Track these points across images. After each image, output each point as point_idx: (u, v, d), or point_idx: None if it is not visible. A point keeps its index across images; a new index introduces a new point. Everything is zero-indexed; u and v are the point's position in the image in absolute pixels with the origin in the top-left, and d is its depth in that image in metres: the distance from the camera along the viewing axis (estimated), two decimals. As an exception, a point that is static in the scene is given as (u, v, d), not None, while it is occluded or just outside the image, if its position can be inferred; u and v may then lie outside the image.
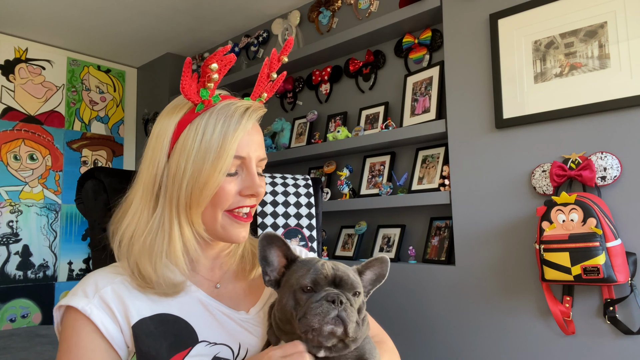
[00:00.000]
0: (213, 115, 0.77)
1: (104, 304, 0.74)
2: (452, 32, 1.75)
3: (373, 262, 0.78)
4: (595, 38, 1.42)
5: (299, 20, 2.56)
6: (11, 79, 2.95)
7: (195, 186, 0.75)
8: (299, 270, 0.73)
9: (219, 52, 0.75)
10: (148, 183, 0.79)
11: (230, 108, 0.78)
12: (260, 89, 0.86)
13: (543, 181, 1.48)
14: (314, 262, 0.73)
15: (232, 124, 0.76)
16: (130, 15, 2.71)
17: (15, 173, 2.91)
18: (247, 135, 0.78)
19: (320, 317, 0.65)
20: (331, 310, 0.66)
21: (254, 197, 0.80)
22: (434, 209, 1.94)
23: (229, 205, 0.77)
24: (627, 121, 1.36)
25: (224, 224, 0.78)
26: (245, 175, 0.79)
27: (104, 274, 0.79)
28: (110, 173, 1.15)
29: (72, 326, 0.74)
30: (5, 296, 2.78)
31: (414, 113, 1.97)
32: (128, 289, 0.76)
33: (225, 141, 0.75)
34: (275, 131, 2.56)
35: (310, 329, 0.66)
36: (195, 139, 0.76)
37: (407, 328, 1.79)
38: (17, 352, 1.89)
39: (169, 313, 0.76)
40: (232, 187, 0.77)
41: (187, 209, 0.77)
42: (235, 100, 0.81)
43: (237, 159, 0.77)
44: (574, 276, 1.27)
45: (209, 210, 0.77)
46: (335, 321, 0.66)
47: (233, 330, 0.79)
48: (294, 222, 1.36)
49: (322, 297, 0.67)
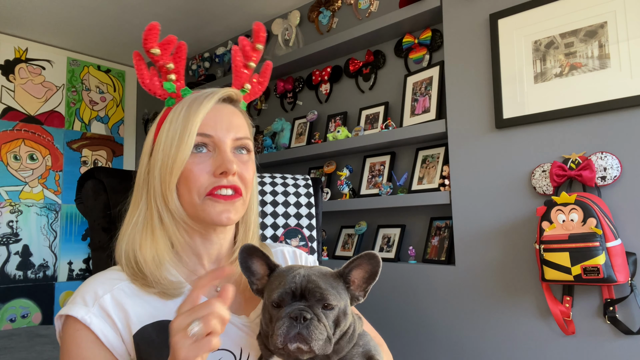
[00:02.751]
0: (179, 105, 0.79)
1: (104, 313, 0.73)
2: (452, 32, 1.75)
3: (359, 260, 0.71)
4: (595, 38, 1.42)
5: (299, 20, 2.56)
6: (11, 79, 2.95)
7: (165, 170, 0.77)
8: (272, 283, 0.71)
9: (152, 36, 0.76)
10: (138, 185, 0.82)
11: (195, 95, 0.80)
12: (239, 79, 0.86)
13: (543, 181, 1.48)
14: (289, 272, 0.70)
15: (194, 106, 0.78)
16: (130, 15, 2.71)
17: (15, 173, 2.91)
18: (215, 116, 0.79)
19: (282, 337, 0.63)
20: (292, 328, 0.63)
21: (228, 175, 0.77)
22: (434, 209, 1.94)
23: (204, 187, 0.76)
24: (627, 121, 1.36)
25: (204, 206, 0.77)
26: (217, 155, 0.78)
27: (103, 280, 0.78)
28: (110, 173, 1.15)
29: (72, 336, 0.73)
30: (5, 296, 2.78)
31: (414, 113, 1.97)
32: (128, 296, 0.75)
33: (186, 122, 0.76)
34: (275, 131, 2.55)
35: (276, 348, 0.64)
36: (164, 130, 0.78)
37: (407, 328, 1.79)
38: (17, 352, 1.89)
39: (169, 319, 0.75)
40: (202, 167, 0.77)
41: (163, 196, 0.78)
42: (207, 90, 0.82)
43: (203, 136, 0.77)
44: (574, 276, 1.27)
45: (186, 195, 0.77)
46: (298, 338, 0.63)
47: (234, 335, 0.78)
48: (294, 222, 1.36)
49: (285, 315, 0.64)
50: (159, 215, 0.79)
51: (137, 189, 0.82)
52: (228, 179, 0.77)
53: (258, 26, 0.86)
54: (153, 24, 0.76)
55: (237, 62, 0.85)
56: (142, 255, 0.77)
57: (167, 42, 0.77)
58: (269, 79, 0.92)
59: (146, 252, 0.77)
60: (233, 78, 0.86)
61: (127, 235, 0.79)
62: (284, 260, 0.95)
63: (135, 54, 0.79)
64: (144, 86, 0.77)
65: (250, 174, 0.82)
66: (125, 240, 0.79)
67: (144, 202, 0.80)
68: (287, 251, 0.97)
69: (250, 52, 0.85)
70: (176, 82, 0.81)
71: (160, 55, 0.77)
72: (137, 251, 0.78)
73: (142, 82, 0.78)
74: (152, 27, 0.76)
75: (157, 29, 0.76)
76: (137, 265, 0.77)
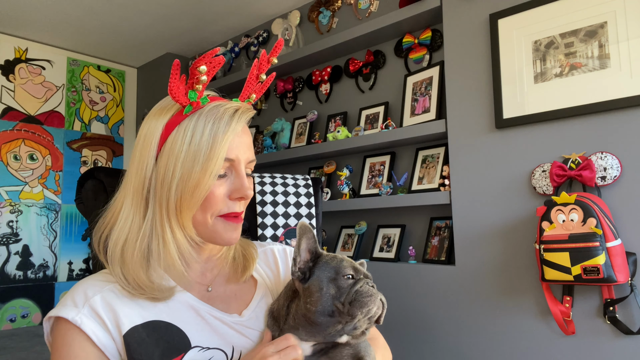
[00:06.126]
0: (202, 117, 0.75)
1: (94, 313, 0.73)
2: (452, 32, 1.75)
3: None
4: (595, 38, 1.42)
5: (299, 20, 2.56)
6: (11, 79, 2.95)
7: (185, 189, 0.74)
8: (331, 262, 0.76)
9: (208, 54, 0.73)
10: (137, 187, 0.77)
11: (219, 110, 0.76)
12: (249, 90, 0.85)
13: (543, 181, 1.48)
14: (339, 257, 0.78)
15: (221, 125, 0.75)
16: (131, 15, 2.71)
17: (15, 173, 2.91)
18: (237, 137, 0.77)
19: (373, 299, 0.70)
20: (377, 293, 0.72)
21: (243, 200, 0.78)
22: (434, 209, 1.93)
23: (219, 210, 0.76)
24: (627, 121, 1.36)
25: (216, 228, 0.77)
26: (235, 178, 0.77)
27: (93, 282, 0.77)
28: (110, 173, 1.15)
29: (62, 337, 0.73)
30: (5, 296, 2.78)
31: (414, 113, 1.97)
32: (118, 297, 0.75)
33: (215, 143, 0.74)
34: (275, 131, 2.56)
35: (366, 309, 0.70)
36: (184, 141, 0.74)
37: (407, 328, 1.79)
38: (17, 352, 1.89)
39: (160, 320, 0.75)
40: (221, 191, 0.76)
41: (178, 213, 0.75)
42: (224, 102, 0.79)
43: (227, 161, 0.76)
44: (574, 276, 1.27)
45: (199, 214, 0.76)
46: (380, 304, 0.72)
47: (226, 334, 0.78)
48: (294, 222, 1.36)
49: (364, 283, 0.72)
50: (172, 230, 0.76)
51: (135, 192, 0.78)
52: (242, 203, 0.79)
53: (280, 43, 0.86)
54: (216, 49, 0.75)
55: (253, 74, 0.85)
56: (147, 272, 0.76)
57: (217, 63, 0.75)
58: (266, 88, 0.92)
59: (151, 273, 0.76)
60: (244, 88, 0.85)
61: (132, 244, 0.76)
62: (273, 258, 0.95)
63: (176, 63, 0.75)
64: (170, 92, 0.74)
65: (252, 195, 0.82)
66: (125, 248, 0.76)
67: (152, 212, 0.77)
68: (277, 250, 0.97)
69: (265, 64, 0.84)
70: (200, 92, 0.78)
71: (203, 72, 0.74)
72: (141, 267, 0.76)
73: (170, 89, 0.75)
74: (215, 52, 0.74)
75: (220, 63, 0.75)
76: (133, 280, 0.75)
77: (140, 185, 0.78)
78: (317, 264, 0.76)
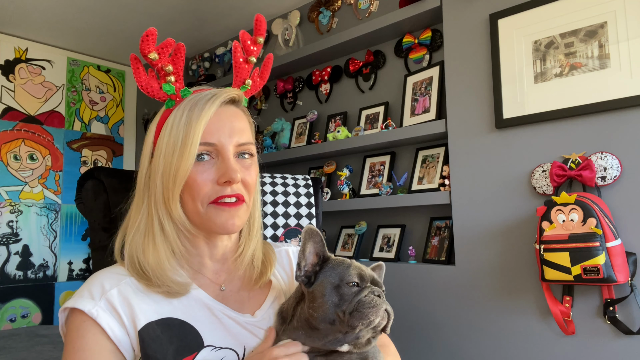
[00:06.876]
0: (181, 108, 0.77)
1: (110, 307, 0.73)
2: (452, 32, 1.75)
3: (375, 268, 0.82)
4: (595, 38, 1.42)
5: (299, 20, 2.56)
6: (11, 79, 2.95)
7: (168, 179, 0.75)
8: (337, 267, 0.74)
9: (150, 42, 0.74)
10: (139, 188, 0.81)
11: (197, 97, 0.78)
12: (240, 75, 0.84)
13: (543, 181, 1.48)
14: (347, 262, 0.76)
15: (195, 110, 0.76)
16: (130, 15, 2.71)
17: (15, 173, 2.91)
18: (217, 121, 0.77)
19: (375, 310, 0.67)
20: (381, 303, 0.68)
21: (232, 184, 0.76)
22: (434, 209, 1.94)
23: (208, 196, 0.76)
24: (627, 121, 1.36)
25: (209, 215, 0.77)
26: (220, 162, 0.77)
27: (109, 274, 0.78)
28: (110, 173, 1.15)
29: (77, 328, 0.73)
30: (5, 296, 2.78)
31: (414, 113, 1.97)
32: (134, 292, 0.76)
33: (189, 128, 0.75)
34: (275, 131, 2.56)
35: (367, 321, 0.67)
36: (165, 134, 0.77)
37: (407, 328, 1.79)
38: (17, 352, 1.89)
39: (174, 317, 0.75)
40: (206, 176, 0.76)
41: (166, 204, 0.77)
42: (208, 90, 0.80)
43: (206, 145, 0.76)
44: (574, 276, 1.27)
45: (190, 203, 0.77)
46: (384, 315, 0.69)
47: (238, 334, 0.78)
48: (294, 222, 1.36)
49: (369, 292, 0.69)
50: (160, 222, 0.78)
51: (138, 192, 0.81)
52: (232, 188, 0.77)
53: (259, 18, 0.84)
54: (150, 29, 0.75)
55: (238, 58, 0.83)
56: (146, 260, 0.77)
57: (165, 46, 0.76)
58: (269, 72, 0.90)
59: (149, 257, 0.77)
60: (234, 74, 0.85)
61: (131, 239, 0.79)
62: (288, 260, 0.95)
63: (132, 57, 0.78)
64: (142, 89, 0.76)
65: (253, 178, 0.81)
66: (129, 243, 0.79)
67: (145, 207, 0.79)
68: (291, 251, 0.97)
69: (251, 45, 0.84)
70: (175, 84, 0.79)
71: (159, 59, 0.76)
72: (141, 256, 0.77)
73: (140, 86, 0.77)
74: (149, 32, 0.74)
75: (154, 35, 0.75)
76: (141, 268, 0.77)
77: (141, 187, 0.81)
78: (324, 268, 0.75)
